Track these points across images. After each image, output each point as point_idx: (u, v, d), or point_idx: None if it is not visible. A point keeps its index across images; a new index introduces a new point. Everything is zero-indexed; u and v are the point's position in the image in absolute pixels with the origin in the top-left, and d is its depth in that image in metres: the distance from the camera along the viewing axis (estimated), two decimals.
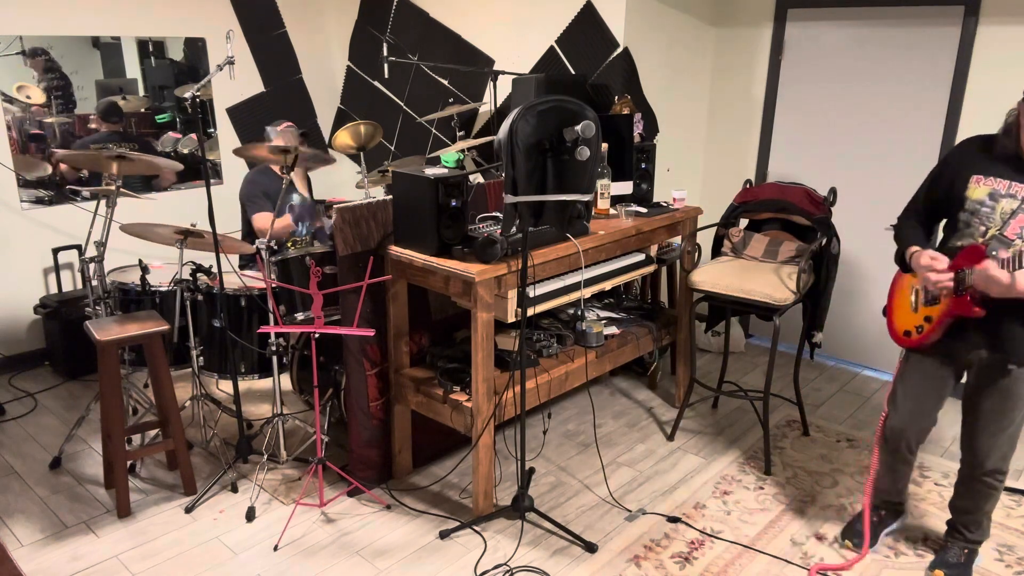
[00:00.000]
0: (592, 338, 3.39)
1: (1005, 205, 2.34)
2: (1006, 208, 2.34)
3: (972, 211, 2.41)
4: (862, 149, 4.27)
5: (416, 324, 3.24)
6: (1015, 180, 2.33)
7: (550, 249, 2.96)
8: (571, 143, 2.56)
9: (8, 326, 4.35)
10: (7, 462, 3.44)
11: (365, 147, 4.37)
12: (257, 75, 5.17)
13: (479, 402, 2.85)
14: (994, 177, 2.37)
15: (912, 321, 2.58)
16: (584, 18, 4.23)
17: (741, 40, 4.58)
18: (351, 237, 2.97)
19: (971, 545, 2.72)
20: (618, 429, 3.80)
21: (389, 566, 2.78)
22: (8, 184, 4.21)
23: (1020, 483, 3.35)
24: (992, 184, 2.37)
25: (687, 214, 3.67)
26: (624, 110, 4.00)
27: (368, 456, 3.21)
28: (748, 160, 4.70)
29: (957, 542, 2.73)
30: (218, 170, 5.08)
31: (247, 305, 3.46)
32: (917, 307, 2.55)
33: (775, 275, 3.35)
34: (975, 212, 2.40)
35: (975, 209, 2.40)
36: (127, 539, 2.91)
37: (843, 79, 4.24)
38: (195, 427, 3.64)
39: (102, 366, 2.93)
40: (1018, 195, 2.32)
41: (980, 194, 2.39)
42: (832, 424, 3.84)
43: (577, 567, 2.77)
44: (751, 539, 2.95)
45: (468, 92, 4.87)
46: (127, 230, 3.24)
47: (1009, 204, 2.33)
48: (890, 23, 4.03)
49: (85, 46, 4.39)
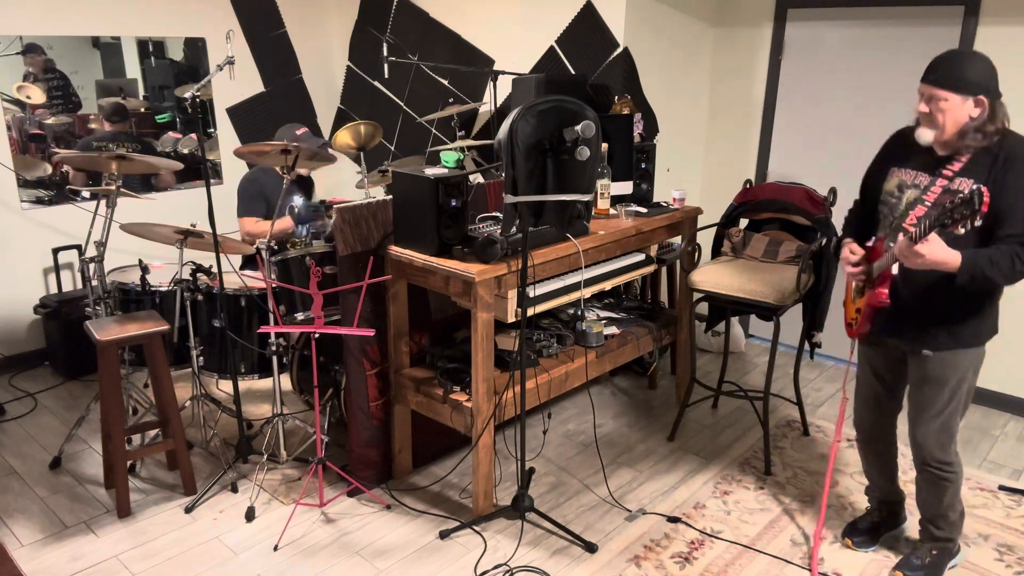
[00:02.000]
0: (592, 338, 3.40)
1: (909, 195, 2.39)
2: (910, 198, 2.38)
3: (884, 202, 2.48)
4: (862, 149, 4.25)
5: (416, 324, 3.24)
6: (920, 171, 2.38)
7: (550, 249, 2.96)
8: (571, 143, 2.56)
9: (8, 326, 4.35)
10: (7, 462, 3.44)
11: (365, 147, 4.37)
12: (257, 75, 5.17)
13: (479, 402, 2.85)
14: (907, 168, 2.42)
15: (851, 313, 2.64)
16: (584, 18, 4.23)
17: (741, 40, 4.58)
18: (351, 237, 2.97)
19: (940, 544, 2.67)
20: (618, 429, 3.80)
21: (389, 566, 2.78)
22: (8, 184, 4.21)
23: (1020, 483, 3.35)
24: (901, 175, 2.43)
25: (687, 214, 3.67)
26: (624, 110, 4.00)
27: (368, 456, 3.21)
28: (748, 160, 4.70)
29: (925, 542, 2.71)
30: (218, 170, 5.09)
31: (247, 305, 3.46)
32: (854, 299, 2.61)
33: (775, 275, 3.35)
34: (886, 203, 2.47)
35: (886, 200, 2.47)
36: (127, 539, 2.91)
37: (843, 79, 4.24)
38: (195, 427, 3.64)
39: (102, 366, 2.93)
40: (920, 185, 2.36)
41: (891, 186, 2.46)
42: (832, 424, 3.84)
43: (577, 567, 2.77)
44: (751, 539, 2.95)
45: (468, 92, 4.87)
46: (127, 230, 3.24)
47: (912, 194, 2.38)
48: (890, 23, 4.03)
49: (85, 46, 4.39)
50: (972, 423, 3.88)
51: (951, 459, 2.51)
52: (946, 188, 2.29)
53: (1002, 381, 3.98)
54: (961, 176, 2.27)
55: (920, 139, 2.33)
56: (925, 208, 2.32)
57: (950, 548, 2.69)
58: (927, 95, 2.28)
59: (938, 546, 2.68)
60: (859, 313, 2.57)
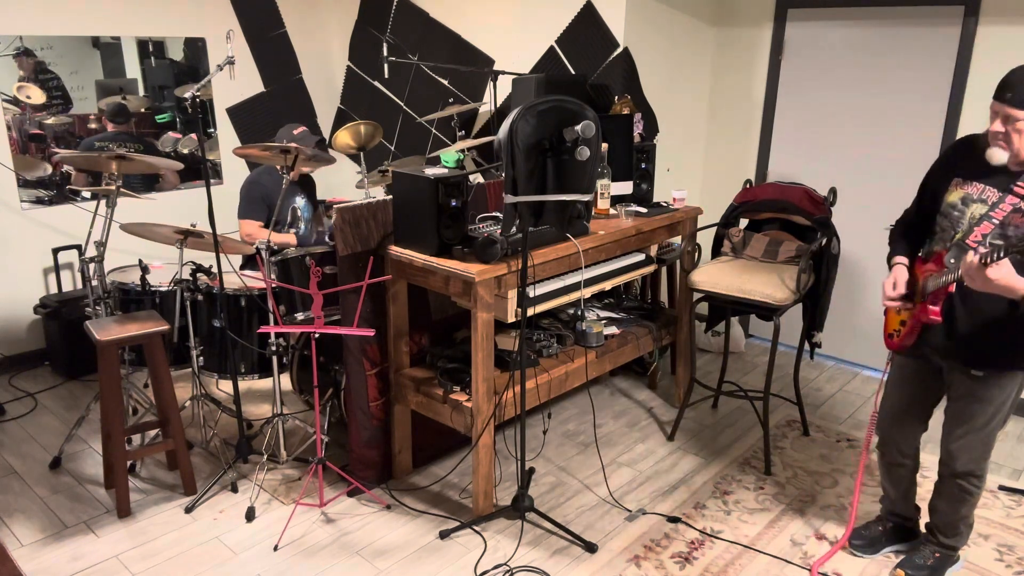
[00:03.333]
0: (592, 338, 3.39)
1: (975, 210, 2.29)
2: (975, 213, 2.29)
3: (946, 215, 2.39)
4: (862, 149, 4.27)
5: (416, 324, 3.24)
6: (989, 184, 2.28)
7: (550, 249, 2.96)
8: (571, 143, 2.56)
9: (8, 326, 4.35)
10: (7, 462, 3.44)
11: (365, 147, 4.37)
12: (257, 75, 5.17)
13: (479, 402, 2.85)
14: (972, 181, 2.32)
15: (893, 324, 2.59)
16: (584, 18, 4.23)
17: (741, 40, 4.58)
18: (351, 237, 2.97)
19: (944, 550, 2.66)
20: (618, 429, 3.80)
21: (389, 566, 2.78)
22: (8, 184, 4.21)
23: (1020, 483, 3.35)
24: (967, 188, 2.33)
25: (687, 214, 3.67)
26: (624, 110, 4.00)
27: (368, 456, 3.21)
28: (748, 160, 4.70)
29: (930, 544, 2.69)
30: (218, 170, 5.08)
31: (247, 305, 3.46)
32: (900, 310, 2.54)
33: (775, 275, 3.35)
34: (948, 216, 2.38)
35: (948, 213, 2.38)
36: (127, 539, 2.91)
37: (843, 79, 4.24)
38: (195, 427, 3.64)
39: (102, 366, 2.93)
40: (988, 200, 2.26)
41: (954, 198, 2.36)
42: (832, 424, 3.84)
43: (577, 567, 2.77)
44: (751, 539, 2.95)
45: (468, 92, 4.87)
46: (127, 230, 3.24)
47: (979, 209, 2.28)
48: (890, 23, 4.03)
49: (85, 46, 4.39)
50: None
51: (982, 473, 2.49)
52: (1016, 207, 2.19)
53: None
54: None
55: (992, 160, 2.21)
56: (992, 225, 2.23)
57: (952, 555, 2.68)
58: (1002, 114, 2.17)
59: (942, 551, 2.67)
60: (903, 325, 2.50)
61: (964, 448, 2.46)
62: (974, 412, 2.42)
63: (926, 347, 2.48)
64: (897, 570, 2.68)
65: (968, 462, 2.47)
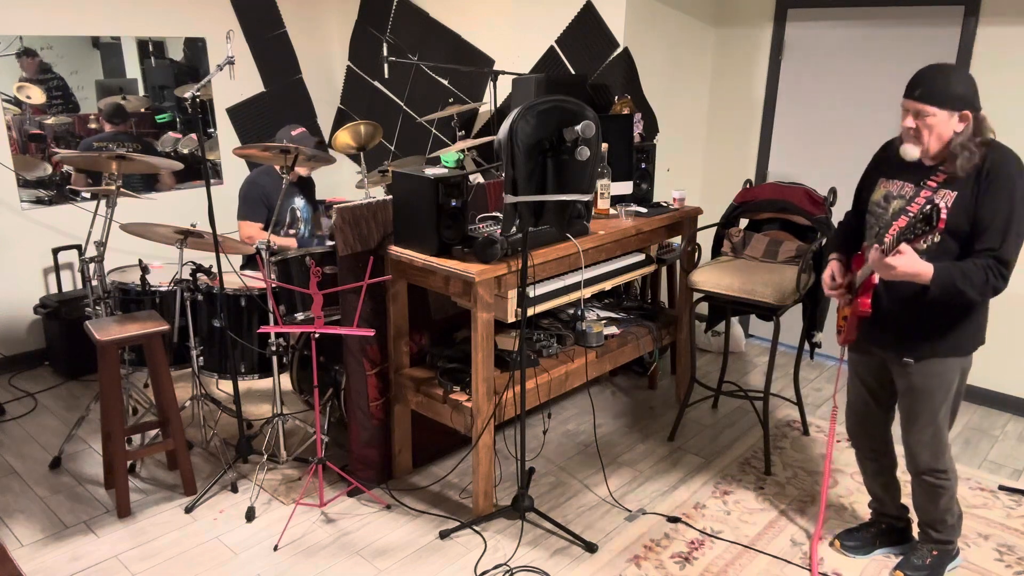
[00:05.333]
0: (592, 338, 3.40)
1: (895, 205, 2.39)
2: (895, 208, 2.39)
3: (872, 212, 2.49)
4: (862, 149, 4.25)
5: (416, 324, 3.24)
6: (907, 181, 2.38)
7: (550, 249, 2.96)
8: (571, 143, 2.56)
9: (8, 326, 4.35)
10: (7, 462, 3.44)
11: (365, 147, 4.37)
12: (257, 75, 5.17)
13: (479, 402, 2.85)
14: (893, 179, 2.42)
15: (839, 320, 2.66)
16: (584, 18, 4.23)
17: (741, 40, 4.58)
18: (351, 237, 2.97)
19: (940, 546, 2.67)
20: (618, 429, 3.80)
21: (389, 566, 2.78)
22: (8, 184, 4.21)
23: (1020, 483, 3.35)
24: (888, 186, 2.43)
25: (687, 214, 3.67)
26: (624, 110, 4.01)
27: (368, 456, 3.21)
28: (748, 160, 4.70)
29: (925, 543, 2.70)
30: (218, 170, 5.08)
31: (247, 305, 3.46)
32: (843, 305, 2.62)
33: (775, 275, 3.35)
34: (873, 213, 2.48)
35: (873, 210, 2.48)
36: (127, 539, 2.91)
37: (843, 79, 4.24)
38: (195, 427, 3.64)
39: (102, 366, 2.93)
40: (906, 195, 2.36)
41: (878, 196, 2.46)
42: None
43: (577, 567, 2.77)
44: (751, 539, 2.95)
45: (468, 92, 4.87)
46: (127, 230, 3.24)
47: (898, 204, 2.38)
48: (890, 23, 4.03)
49: (85, 46, 4.39)
50: (972, 423, 3.88)
51: (945, 467, 2.51)
52: (929, 199, 2.28)
53: (1002, 381, 3.98)
54: (945, 188, 2.28)
55: (905, 155, 2.32)
56: (907, 219, 2.31)
57: (949, 550, 2.69)
58: (913, 110, 2.27)
59: (938, 547, 2.68)
60: (845, 321, 2.59)
61: (918, 444, 2.50)
62: (917, 407, 2.47)
63: (868, 342, 2.55)
64: (896, 571, 2.68)
65: (928, 458, 2.50)
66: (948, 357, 2.40)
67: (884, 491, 2.81)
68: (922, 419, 2.47)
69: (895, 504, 2.83)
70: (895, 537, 2.85)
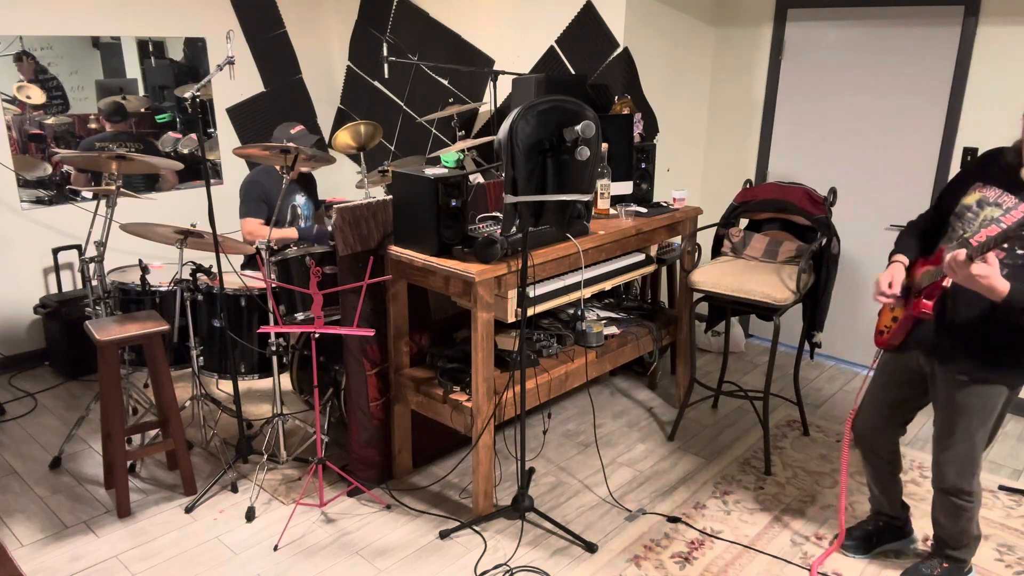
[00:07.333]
0: (592, 338, 3.40)
1: (988, 212, 2.30)
2: (987, 216, 2.30)
3: (959, 215, 2.39)
4: (862, 149, 4.27)
5: (416, 324, 3.24)
6: (1007, 191, 2.29)
7: (550, 249, 2.96)
8: (571, 143, 2.56)
9: (8, 326, 4.35)
10: (7, 462, 3.44)
11: (365, 147, 4.37)
12: (257, 75, 5.17)
13: (479, 402, 2.85)
14: (992, 186, 2.33)
15: (885, 320, 2.58)
16: (584, 18, 4.23)
17: (741, 40, 4.58)
18: (351, 237, 2.97)
19: (952, 562, 2.62)
20: (618, 429, 3.80)
21: (389, 566, 2.78)
22: (8, 184, 4.21)
23: (1020, 483, 3.35)
24: (985, 191, 2.34)
25: (687, 214, 3.67)
26: (624, 110, 4.00)
27: (368, 456, 3.21)
28: (748, 160, 4.70)
29: (937, 555, 2.65)
30: (218, 170, 5.08)
31: (247, 305, 3.45)
32: (893, 307, 2.55)
33: (775, 275, 3.35)
34: (961, 216, 2.38)
35: (961, 213, 2.38)
36: (127, 539, 2.91)
37: (843, 79, 4.24)
38: (195, 427, 3.64)
39: (102, 366, 2.93)
40: (1003, 205, 2.28)
41: (971, 200, 2.37)
42: (832, 424, 3.84)
43: (577, 567, 2.77)
44: (751, 539, 2.95)
45: (468, 92, 4.87)
46: (127, 230, 3.24)
47: (992, 212, 2.29)
48: (890, 23, 4.03)
49: (85, 46, 4.39)
50: None
51: (971, 489, 2.44)
52: None
53: None
54: None
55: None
56: (999, 228, 2.22)
57: (961, 567, 2.63)
58: None
59: (950, 562, 2.63)
60: (895, 322, 2.49)
61: (949, 461, 2.44)
62: (956, 423, 2.40)
63: (913, 346, 2.47)
64: None
65: (956, 478, 2.44)
66: (1002, 385, 2.34)
67: (885, 492, 2.79)
68: (957, 435, 2.40)
69: (895, 504, 2.82)
70: (893, 533, 2.85)
